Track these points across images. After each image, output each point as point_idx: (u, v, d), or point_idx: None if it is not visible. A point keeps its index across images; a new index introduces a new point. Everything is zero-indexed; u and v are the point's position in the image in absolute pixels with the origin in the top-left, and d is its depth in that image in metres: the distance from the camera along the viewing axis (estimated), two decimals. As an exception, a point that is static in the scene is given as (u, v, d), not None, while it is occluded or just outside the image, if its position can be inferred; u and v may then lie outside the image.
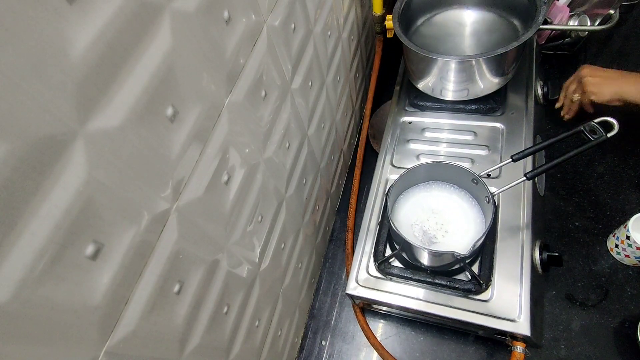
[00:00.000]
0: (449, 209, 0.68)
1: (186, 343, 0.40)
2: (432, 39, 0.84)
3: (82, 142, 0.25)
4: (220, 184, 0.43)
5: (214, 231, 0.43)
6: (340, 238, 0.96)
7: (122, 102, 0.28)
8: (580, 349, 0.68)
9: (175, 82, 0.33)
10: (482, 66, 0.70)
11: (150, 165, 0.32)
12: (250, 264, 0.53)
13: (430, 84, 0.79)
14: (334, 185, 0.95)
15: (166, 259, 0.35)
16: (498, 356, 0.71)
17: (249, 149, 0.48)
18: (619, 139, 0.86)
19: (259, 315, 0.58)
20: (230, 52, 0.41)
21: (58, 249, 0.25)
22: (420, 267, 0.65)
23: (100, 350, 0.29)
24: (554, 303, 0.73)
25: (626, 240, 0.70)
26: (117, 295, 0.30)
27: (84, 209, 0.26)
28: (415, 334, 0.77)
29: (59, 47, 0.23)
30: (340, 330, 0.82)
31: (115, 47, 0.27)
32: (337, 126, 0.89)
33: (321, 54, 0.69)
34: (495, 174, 0.71)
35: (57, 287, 0.25)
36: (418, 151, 0.79)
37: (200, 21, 0.36)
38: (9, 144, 0.21)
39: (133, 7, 0.28)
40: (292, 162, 0.64)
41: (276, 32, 0.50)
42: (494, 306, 0.59)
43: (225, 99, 0.42)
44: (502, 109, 0.79)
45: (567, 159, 0.57)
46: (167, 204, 0.35)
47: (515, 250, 0.63)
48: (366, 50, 1.05)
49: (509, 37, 0.79)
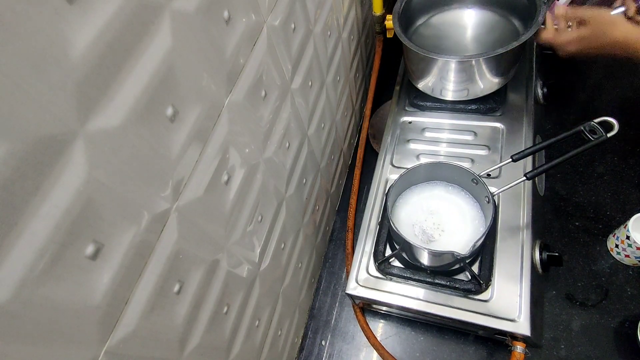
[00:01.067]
0: (449, 209, 0.68)
1: (186, 343, 0.40)
2: (432, 38, 0.84)
3: (82, 142, 0.25)
4: (220, 184, 0.43)
5: (214, 231, 0.43)
6: (340, 238, 0.96)
7: (122, 102, 0.28)
8: (580, 349, 0.68)
9: (175, 82, 0.33)
10: (482, 66, 0.70)
11: (151, 165, 0.32)
12: (250, 264, 0.53)
13: (430, 84, 0.79)
14: (334, 185, 0.95)
15: (166, 258, 0.35)
16: (498, 356, 0.71)
17: (249, 149, 0.48)
18: (619, 139, 0.86)
19: (259, 315, 0.58)
20: (230, 52, 0.41)
21: (58, 248, 0.25)
22: (420, 267, 0.65)
23: (100, 350, 0.29)
24: (554, 303, 0.73)
25: (626, 240, 0.70)
26: (117, 295, 0.30)
27: (84, 209, 0.26)
28: (415, 334, 0.77)
29: (59, 47, 0.23)
30: (340, 330, 0.82)
31: (115, 47, 0.27)
32: (337, 126, 0.89)
33: (321, 54, 0.69)
34: (495, 174, 0.71)
35: (57, 287, 0.25)
36: (418, 151, 0.79)
37: (200, 21, 0.36)
38: (9, 144, 0.21)
39: (133, 7, 0.28)
40: (292, 162, 0.64)
41: (276, 32, 0.50)
42: (494, 306, 0.59)
43: (225, 98, 0.42)
44: (502, 109, 0.79)
45: (567, 159, 0.57)
46: (167, 204, 0.35)
47: (515, 250, 0.63)
48: (366, 50, 1.05)
49: (509, 37, 0.79)
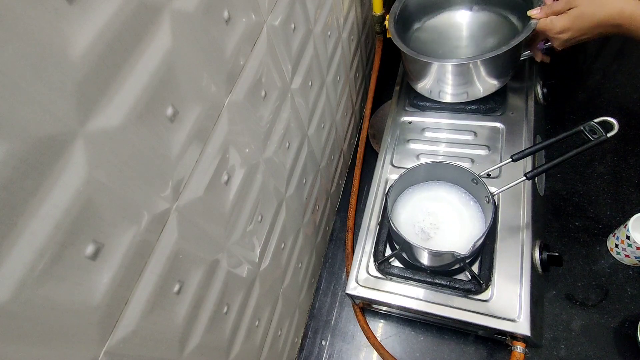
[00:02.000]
0: (449, 209, 0.68)
1: (186, 343, 0.40)
2: (430, 41, 0.84)
3: (82, 142, 0.25)
4: (220, 183, 0.43)
5: (214, 231, 0.43)
6: (340, 238, 0.96)
7: (122, 102, 0.28)
8: (580, 349, 0.68)
9: (175, 82, 0.33)
10: (480, 68, 0.70)
11: (150, 165, 0.32)
12: (250, 263, 0.53)
13: (428, 87, 0.79)
14: (334, 185, 0.95)
15: (166, 258, 0.35)
16: (498, 356, 0.71)
17: (249, 149, 0.48)
18: (619, 139, 0.86)
19: (259, 315, 0.58)
20: (230, 52, 0.41)
21: (58, 248, 0.24)
22: (420, 267, 0.65)
23: (100, 350, 0.29)
24: (554, 303, 0.73)
25: (626, 240, 0.70)
26: (117, 295, 0.30)
27: (84, 208, 0.26)
28: (415, 334, 0.77)
29: (59, 47, 0.23)
30: (340, 330, 0.82)
31: (115, 47, 0.27)
32: (337, 126, 0.89)
33: (321, 54, 0.69)
34: (495, 174, 0.71)
35: (57, 287, 0.25)
36: (418, 151, 0.79)
37: (200, 21, 0.36)
38: (9, 144, 0.21)
39: (133, 7, 0.28)
40: (292, 162, 0.64)
41: (276, 32, 0.50)
42: (494, 306, 0.59)
43: (225, 98, 0.42)
44: (502, 109, 0.79)
45: (567, 159, 0.57)
46: (167, 204, 0.35)
47: (515, 250, 0.63)
48: (366, 50, 1.05)
49: (509, 38, 0.78)
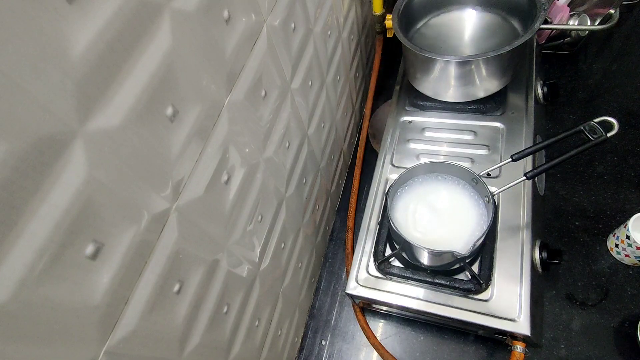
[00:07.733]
0: (449, 209, 0.68)
1: (186, 343, 0.40)
2: (432, 40, 0.84)
3: (82, 141, 0.25)
4: (220, 183, 0.43)
5: (214, 231, 0.43)
6: (340, 238, 0.96)
7: (122, 101, 0.28)
8: (580, 348, 0.68)
9: (175, 82, 0.33)
10: (482, 67, 0.70)
11: (150, 164, 0.32)
12: (250, 263, 0.53)
13: (430, 86, 0.79)
14: (334, 184, 0.95)
15: (166, 258, 0.35)
16: (498, 356, 0.71)
17: (249, 149, 0.48)
18: (619, 139, 0.86)
19: (258, 314, 0.58)
20: (230, 51, 0.41)
21: (58, 248, 0.25)
22: (420, 267, 0.65)
23: (100, 350, 0.29)
24: (554, 303, 0.73)
25: (626, 240, 0.70)
26: (117, 295, 0.30)
27: (84, 208, 0.26)
28: (415, 333, 0.77)
29: (58, 47, 0.23)
30: (340, 330, 0.82)
31: (115, 46, 0.27)
32: (337, 126, 0.89)
33: (321, 53, 0.69)
34: (495, 174, 0.71)
35: (57, 287, 0.25)
36: (418, 151, 0.79)
37: (200, 21, 0.36)
38: (9, 143, 0.21)
39: (133, 7, 0.28)
40: (292, 161, 0.64)
41: (276, 31, 0.50)
42: (494, 306, 0.59)
43: (225, 98, 0.42)
44: (502, 108, 0.79)
45: (567, 158, 0.57)
46: (167, 204, 0.35)
47: (515, 250, 0.63)
48: (366, 49, 1.05)
49: (510, 38, 0.78)
